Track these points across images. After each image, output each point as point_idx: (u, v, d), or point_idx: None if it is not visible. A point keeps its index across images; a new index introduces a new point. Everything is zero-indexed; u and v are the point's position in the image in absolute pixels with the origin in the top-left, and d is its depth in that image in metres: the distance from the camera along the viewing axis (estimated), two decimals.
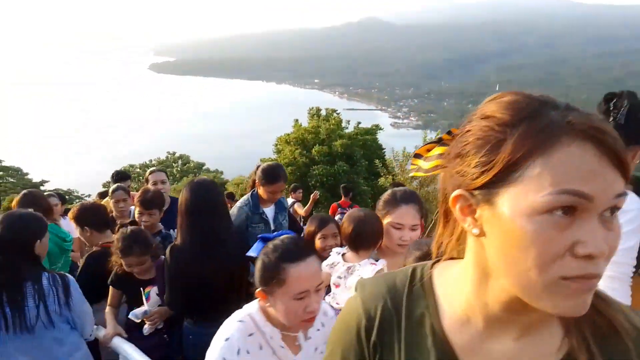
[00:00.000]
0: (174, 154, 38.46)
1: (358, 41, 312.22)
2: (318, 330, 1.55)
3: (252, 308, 1.50)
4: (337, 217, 6.22)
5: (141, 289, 2.57)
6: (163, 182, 3.82)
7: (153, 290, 2.59)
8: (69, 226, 3.94)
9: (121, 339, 2.48)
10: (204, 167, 37.44)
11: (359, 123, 22.43)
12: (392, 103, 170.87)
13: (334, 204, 7.42)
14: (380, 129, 22.95)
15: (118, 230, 2.87)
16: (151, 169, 4.08)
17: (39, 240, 2.23)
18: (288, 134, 20.98)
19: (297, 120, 21.91)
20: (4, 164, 47.75)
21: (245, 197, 3.35)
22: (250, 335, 1.43)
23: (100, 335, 2.54)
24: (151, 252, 2.61)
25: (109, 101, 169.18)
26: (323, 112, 22.42)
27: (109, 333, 2.51)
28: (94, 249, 2.98)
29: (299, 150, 19.71)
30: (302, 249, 1.43)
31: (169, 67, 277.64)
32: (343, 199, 7.47)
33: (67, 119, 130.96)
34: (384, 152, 21.33)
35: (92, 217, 2.98)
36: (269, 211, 3.33)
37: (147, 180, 3.85)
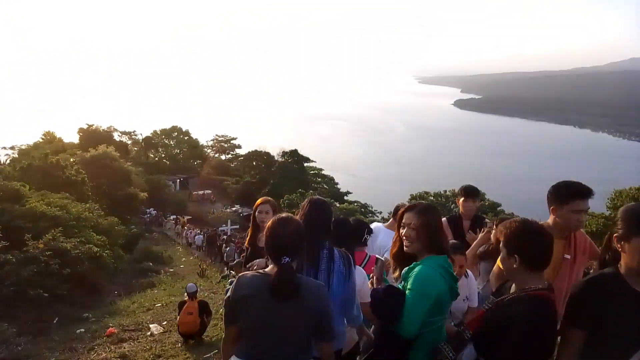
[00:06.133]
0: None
1: None
2: None
3: None
4: None
5: None
6: None
7: None
8: None
9: None
10: (498, 208, 34.11)
11: None
12: None
13: None
14: None
15: None
16: None
17: None
18: (637, 188, 15.82)
19: None
20: (322, 172, 56.83)
21: None
22: None
23: None
24: None
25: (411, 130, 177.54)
26: None
27: None
28: None
29: None
30: None
31: (474, 104, 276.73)
32: None
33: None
34: None
35: None
36: None
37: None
